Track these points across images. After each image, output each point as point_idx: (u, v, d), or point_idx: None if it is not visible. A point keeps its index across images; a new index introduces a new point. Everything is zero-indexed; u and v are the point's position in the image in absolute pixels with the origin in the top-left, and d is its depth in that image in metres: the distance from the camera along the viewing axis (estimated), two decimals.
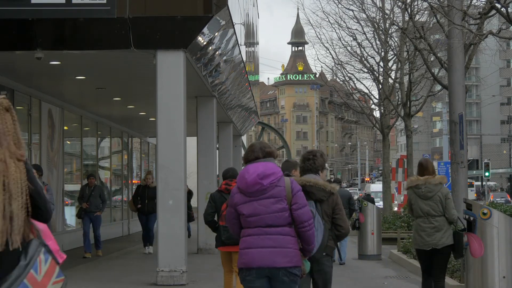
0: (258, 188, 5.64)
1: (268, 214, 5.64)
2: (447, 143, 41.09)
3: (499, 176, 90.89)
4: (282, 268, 5.61)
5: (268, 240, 5.63)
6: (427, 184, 8.82)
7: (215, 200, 9.53)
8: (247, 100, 24.58)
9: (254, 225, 5.67)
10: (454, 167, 17.00)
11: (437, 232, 8.77)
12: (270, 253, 5.62)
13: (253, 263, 5.64)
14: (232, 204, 5.81)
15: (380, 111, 28.94)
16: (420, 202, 8.85)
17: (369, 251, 17.33)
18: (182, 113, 12.39)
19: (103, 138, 24.80)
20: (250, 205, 5.67)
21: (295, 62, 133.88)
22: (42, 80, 16.01)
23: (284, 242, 5.63)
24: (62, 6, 11.69)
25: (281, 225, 5.64)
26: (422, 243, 8.84)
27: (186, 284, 12.16)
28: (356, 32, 27.93)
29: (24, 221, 3.60)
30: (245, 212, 5.69)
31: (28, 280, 3.48)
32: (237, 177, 5.87)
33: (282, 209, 5.63)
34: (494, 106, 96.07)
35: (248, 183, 5.66)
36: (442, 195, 8.81)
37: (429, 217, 8.79)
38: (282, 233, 5.63)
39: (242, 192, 5.73)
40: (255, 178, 5.64)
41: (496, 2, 14.24)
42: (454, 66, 16.87)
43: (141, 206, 17.98)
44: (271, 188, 5.64)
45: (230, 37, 14.76)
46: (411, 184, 8.99)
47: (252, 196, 5.67)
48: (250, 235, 5.69)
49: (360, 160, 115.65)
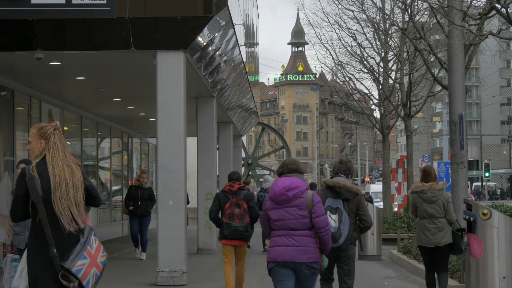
0: (284, 198, 6.87)
1: (291, 219, 6.85)
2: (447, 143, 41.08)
3: (499, 176, 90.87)
4: (304, 263, 6.82)
5: (291, 240, 6.83)
6: (432, 189, 9.91)
7: (220, 199, 10.56)
8: (247, 100, 24.58)
9: (280, 227, 6.89)
10: (454, 167, 17.00)
11: (440, 232, 9.88)
12: (293, 251, 6.81)
13: (279, 258, 6.86)
14: (265, 209, 7.07)
15: (380, 112, 28.94)
16: (425, 205, 9.92)
17: (369, 252, 17.32)
18: (182, 113, 12.39)
19: (103, 138, 24.79)
20: (277, 211, 6.91)
21: (295, 63, 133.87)
22: (42, 80, 16.02)
23: (305, 242, 6.81)
24: (62, 7, 11.69)
25: (302, 229, 6.83)
26: (426, 241, 9.92)
27: (186, 285, 12.17)
28: (356, 33, 27.94)
29: (83, 208, 5.28)
30: (273, 217, 6.94)
31: (86, 252, 5.17)
32: (269, 187, 7.38)
33: (303, 216, 6.83)
34: (494, 106, 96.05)
35: (276, 193, 6.92)
36: (444, 199, 9.92)
37: (433, 218, 9.88)
38: (303, 235, 6.82)
39: (272, 200, 6.97)
40: (281, 190, 6.90)
41: (496, 2, 14.24)
42: (454, 66, 16.86)
43: (133, 208, 16.70)
44: (295, 199, 6.86)
45: (230, 38, 14.76)
46: (416, 190, 10.03)
47: (280, 204, 6.90)
48: (277, 236, 6.92)
49: (360, 161, 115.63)
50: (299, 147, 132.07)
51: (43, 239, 5.18)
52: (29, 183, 5.24)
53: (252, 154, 36.65)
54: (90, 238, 5.25)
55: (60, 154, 5.36)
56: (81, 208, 5.30)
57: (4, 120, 15.38)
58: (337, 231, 8.09)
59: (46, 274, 5.13)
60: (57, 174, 5.26)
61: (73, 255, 5.14)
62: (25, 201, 5.26)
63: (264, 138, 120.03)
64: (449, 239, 9.91)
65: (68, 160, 5.37)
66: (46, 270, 5.13)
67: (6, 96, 15.45)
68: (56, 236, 5.17)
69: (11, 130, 15.65)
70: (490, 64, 47.72)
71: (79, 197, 5.29)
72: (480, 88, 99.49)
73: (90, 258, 5.19)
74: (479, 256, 9.39)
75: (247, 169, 35.60)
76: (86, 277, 5.16)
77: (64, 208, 5.21)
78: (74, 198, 5.26)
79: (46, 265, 5.13)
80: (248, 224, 10.35)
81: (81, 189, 5.32)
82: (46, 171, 5.28)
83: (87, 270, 5.15)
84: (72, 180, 5.28)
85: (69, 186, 5.26)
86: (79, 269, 5.13)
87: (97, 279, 5.24)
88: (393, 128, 37.66)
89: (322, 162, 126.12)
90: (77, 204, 5.27)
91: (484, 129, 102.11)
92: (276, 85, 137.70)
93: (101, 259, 5.27)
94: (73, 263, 5.13)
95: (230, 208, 10.32)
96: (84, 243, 5.21)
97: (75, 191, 5.27)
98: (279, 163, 76.92)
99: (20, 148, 16.51)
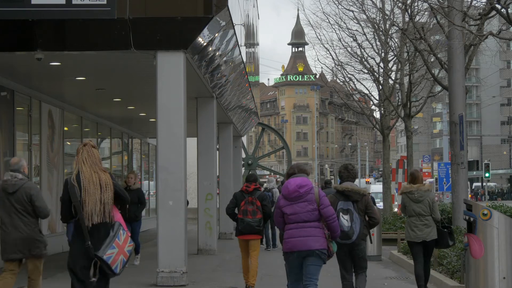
0: (297, 195, 8.16)
1: (304, 213, 8.14)
2: (447, 144, 41.08)
3: (499, 177, 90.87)
4: (316, 249, 8.10)
5: (304, 231, 8.11)
6: (419, 190, 10.87)
7: (237, 197, 11.74)
8: (247, 101, 24.58)
9: (293, 221, 8.15)
10: (454, 168, 16.99)
11: (426, 228, 10.82)
12: (307, 240, 8.09)
13: (295, 248, 8.13)
14: (278, 206, 8.28)
15: (380, 112, 28.91)
16: (413, 205, 10.87)
17: (369, 252, 17.27)
18: (182, 114, 12.39)
19: (103, 139, 24.80)
20: (291, 207, 8.18)
21: (295, 63, 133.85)
22: (42, 81, 16.02)
23: (315, 232, 8.12)
24: (62, 7, 11.69)
25: (313, 220, 8.14)
26: (414, 236, 10.87)
27: (186, 285, 12.17)
28: (356, 33, 27.92)
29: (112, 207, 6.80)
30: (287, 212, 8.19)
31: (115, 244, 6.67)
32: (282, 187, 8.41)
33: (313, 209, 8.16)
34: (494, 107, 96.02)
35: (290, 191, 8.17)
36: (430, 199, 10.89)
37: (420, 216, 10.83)
38: (313, 226, 8.13)
39: (285, 198, 8.22)
40: (294, 187, 8.16)
41: (496, 3, 14.24)
42: (454, 67, 16.86)
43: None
44: (305, 195, 8.16)
45: (230, 38, 14.75)
46: (405, 191, 11.05)
47: (293, 200, 8.17)
48: (291, 228, 8.17)
49: (360, 161, 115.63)
50: (299, 148, 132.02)
51: (81, 234, 6.69)
52: (70, 191, 6.79)
53: (252, 155, 36.63)
54: (119, 232, 6.76)
55: (87, 164, 6.80)
56: (107, 207, 6.81)
57: (4, 120, 15.38)
58: (350, 230, 9.18)
59: (83, 259, 6.65)
60: (86, 179, 6.74)
61: (104, 245, 6.62)
62: (69, 205, 6.80)
63: (264, 138, 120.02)
64: (434, 235, 10.84)
65: (96, 168, 6.83)
66: (83, 256, 6.64)
67: (6, 96, 15.45)
68: (92, 230, 6.68)
69: (11, 131, 15.65)
70: (490, 65, 47.71)
71: (105, 197, 6.77)
72: (480, 89, 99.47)
73: (118, 248, 6.71)
74: (479, 257, 9.39)
75: (247, 170, 35.59)
76: (115, 263, 6.74)
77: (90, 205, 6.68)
78: (100, 198, 6.73)
79: (83, 253, 6.64)
80: (260, 219, 11.46)
81: (109, 191, 6.82)
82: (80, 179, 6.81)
83: (115, 258, 6.69)
84: (99, 184, 6.75)
85: (96, 187, 6.74)
86: (109, 256, 6.65)
87: (124, 264, 6.85)
88: (393, 128, 37.69)
89: (322, 163, 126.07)
90: (102, 203, 6.76)
91: (484, 130, 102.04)
92: (276, 86, 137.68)
93: (128, 248, 6.82)
94: (104, 252, 6.63)
95: (244, 205, 11.49)
96: (113, 236, 6.71)
97: (101, 192, 6.74)
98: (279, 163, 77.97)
99: (20, 148, 16.51)
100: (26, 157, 16.73)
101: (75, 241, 6.83)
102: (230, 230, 24.23)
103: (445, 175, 41.92)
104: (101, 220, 6.77)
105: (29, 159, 16.81)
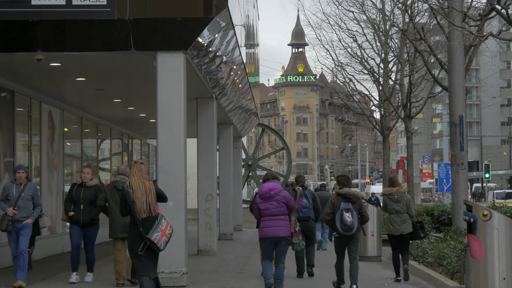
0: (268, 196, 10.94)
1: (273, 208, 10.91)
2: (448, 144, 41.10)
3: (500, 177, 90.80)
4: (282, 237, 10.91)
5: (274, 223, 10.88)
6: (398, 192, 13.26)
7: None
8: (247, 101, 24.57)
9: (266, 214, 10.92)
10: (455, 168, 17.01)
11: (404, 224, 13.19)
12: (275, 230, 10.87)
13: (267, 235, 10.92)
14: (256, 203, 11.11)
15: (380, 113, 28.94)
16: (393, 204, 13.24)
17: (369, 253, 17.33)
18: (182, 114, 12.39)
19: (104, 139, 24.79)
20: (264, 204, 10.97)
21: (295, 64, 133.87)
22: (42, 81, 16.02)
23: (282, 224, 10.90)
24: (62, 8, 11.68)
25: (280, 214, 10.90)
26: (394, 230, 13.24)
27: (186, 286, 12.17)
28: (356, 34, 27.97)
29: (155, 204, 9.33)
30: (262, 208, 10.99)
31: (159, 229, 9.18)
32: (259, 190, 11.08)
33: (280, 206, 10.94)
34: (494, 107, 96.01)
35: (263, 192, 10.98)
36: (407, 199, 13.29)
37: (399, 213, 13.20)
38: (280, 219, 10.90)
39: (260, 197, 11.03)
40: (267, 190, 10.97)
41: (496, 3, 14.25)
42: (455, 67, 16.87)
43: (75, 214, 12.60)
44: (275, 196, 10.94)
45: (230, 39, 14.75)
46: (387, 193, 13.46)
47: (266, 199, 10.97)
48: (264, 220, 10.94)
49: (360, 162, 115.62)
50: (299, 148, 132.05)
51: (135, 223, 9.24)
52: (126, 194, 9.35)
53: (252, 155, 36.63)
54: (161, 221, 9.29)
55: (136, 176, 9.41)
56: (152, 204, 9.33)
57: (5, 121, 15.38)
58: (352, 224, 11.64)
59: (138, 241, 9.21)
60: (135, 187, 9.33)
61: (151, 230, 9.18)
62: (125, 203, 9.36)
63: (264, 139, 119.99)
64: (410, 229, 13.20)
65: (142, 179, 9.43)
66: (138, 238, 9.22)
67: (6, 97, 15.45)
68: (142, 221, 9.23)
69: (11, 131, 15.65)
70: (490, 65, 47.71)
71: (150, 198, 9.32)
72: (480, 89, 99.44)
73: (161, 232, 9.25)
74: (479, 257, 9.39)
75: (247, 170, 35.58)
76: (159, 242, 9.22)
77: (139, 204, 9.26)
78: (146, 199, 9.30)
79: (138, 236, 9.22)
80: None
81: (152, 194, 9.35)
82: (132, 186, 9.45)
83: (160, 239, 9.23)
84: (145, 189, 9.32)
85: (142, 193, 9.30)
86: (155, 238, 9.19)
87: (166, 243, 9.29)
88: (393, 129, 37.67)
89: (322, 163, 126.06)
90: (147, 202, 9.30)
91: (484, 130, 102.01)
92: (276, 86, 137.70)
93: (168, 231, 9.33)
94: (152, 235, 9.17)
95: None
96: (157, 224, 9.26)
97: (147, 195, 9.31)
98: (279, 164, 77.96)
99: (20, 149, 16.51)
100: (26, 157, 16.73)
101: (132, 228, 9.42)
102: (230, 231, 24.24)
103: (445, 176, 41.91)
104: (148, 215, 9.28)
105: (29, 160, 16.81)
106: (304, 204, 13.51)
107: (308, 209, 13.90)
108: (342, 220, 11.56)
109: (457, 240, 14.55)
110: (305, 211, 13.73)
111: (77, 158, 21.54)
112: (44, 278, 13.49)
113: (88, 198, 12.57)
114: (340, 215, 11.59)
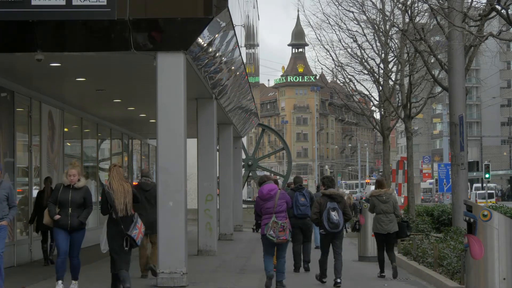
0: (268, 196, 11.91)
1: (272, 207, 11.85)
2: (448, 144, 41.10)
3: (500, 178, 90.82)
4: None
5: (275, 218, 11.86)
6: (386, 194, 14.16)
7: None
8: (247, 101, 24.58)
9: (267, 212, 11.87)
10: (455, 168, 17.00)
11: (390, 223, 14.03)
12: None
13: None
14: (257, 203, 12.06)
15: (380, 113, 28.91)
16: (381, 205, 14.05)
17: (369, 253, 17.32)
18: (182, 114, 12.39)
19: (104, 139, 24.79)
20: (265, 204, 11.90)
21: (295, 64, 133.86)
22: (42, 82, 16.02)
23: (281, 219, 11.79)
24: (62, 8, 11.69)
25: (281, 212, 11.86)
26: (381, 229, 14.05)
27: (186, 286, 12.17)
28: (356, 34, 27.91)
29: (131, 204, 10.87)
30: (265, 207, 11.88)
31: (137, 227, 10.75)
32: (258, 191, 12.15)
33: (281, 204, 11.91)
34: (494, 108, 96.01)
35: (264, 193, 11.95)
36: (393, 200, 14.19)
37: (386, 213, 14.04)
38: (281, 215, 11.83)
39: (261, 198, 11.97)
40: (267, 191, 11.94)
41: (496, 3, 14.25)
42: (455, 68, 16.87)
43: (61, 218, 11.42)
44: (274, 196, 11.91)
45: (230, 39, 14.76)
46: (375, 194, 14.22)
47: (266, 200, 11.92)
48: (265, 218, 11.86)
49: (360, 162, 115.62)
50: (299, 148, 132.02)
51: (114, 221, 10.67)
52: (107, 195, 10.69)
53: (252, 155, 36.63)
54: (138, 220, 10.77)
55: (116, 179, 10.82)
56: (129, 204, 10.78)
57: (5, 121, 15.38)
58: (338, 222, 12.62)
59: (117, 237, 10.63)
60: (115, 189, 10.73)
61: (131, 228, 10.62)
62: (106, 203, 10.71)
63: (265, 139, 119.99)
64: (396, 228, 14.06)
65: (121, 181, 10.85)
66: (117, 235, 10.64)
67: (6, 97, 15.45)
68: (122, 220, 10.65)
69: (11, 132, 15.65)
70: (490, 66, 47.72)
71: (127, 199, 10.76)
72: (480, 90, 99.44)
73: (138, 230, 10.71)
74: (479, 258, 9.39)
75: (247, 171, 35.58)
76: (137, 238, 10.66)
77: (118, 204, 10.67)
78: (124, 199, 10.72)
79: (117, 233, 10.62)
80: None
81: (129, 195, 10.82)
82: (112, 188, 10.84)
83: (138, 236, 10.67)
84: (123, 191, 10.75)
85: (121, 194, 10.72)
86: (134, 234, 10.62)
87: (141, 239, 10.87)
88: (393, 129, 37.67)
89: (322, 164, 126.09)
90: (125, 203, 10.73)
91: (484, 131, 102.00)
92: (276, 87, 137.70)
93: (143, 229, 10.85)
94: (131, 232, 10.61)
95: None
96: (135, 222, 10.72)
97: (125, 196, 10.73)
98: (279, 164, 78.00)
99: (20, 149, 16.51)
100: (26, 158, 16.73)
101: (110, 226, 10.70)
102: (230, 231, 24.24)
103: (445, 176, 41.88)
104: (125, 214, 10.65)
105: (29, 160, 16.81)
106: (301, 202, 14.58)
107: (306, 207, 14.62)
108: (329, 218, 12.58)
109: (457, 240, 14.55)
110: (302, 209, 14.58)
111: (77, 158, 21.52)
112: (44, 278, 13.50)
113: (77, 201, 11.43)
114: (327, 214, 12.61)
